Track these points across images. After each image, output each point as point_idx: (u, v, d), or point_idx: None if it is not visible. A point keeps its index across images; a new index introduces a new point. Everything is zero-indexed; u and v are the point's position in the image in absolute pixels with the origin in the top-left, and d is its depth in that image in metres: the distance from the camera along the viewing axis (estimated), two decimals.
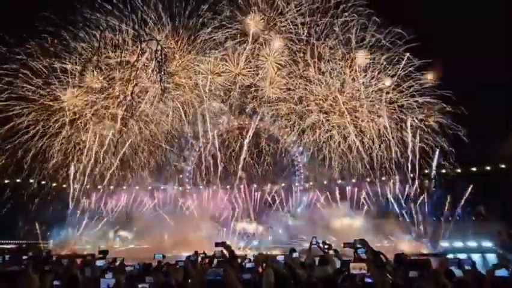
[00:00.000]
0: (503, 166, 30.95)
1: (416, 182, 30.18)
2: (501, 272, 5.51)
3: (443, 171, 30.71)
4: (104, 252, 9.23)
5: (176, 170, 35.82)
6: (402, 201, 30.96)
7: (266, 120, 34.67)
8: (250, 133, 33.18)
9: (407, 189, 30.74)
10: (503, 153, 28.93)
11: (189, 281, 6.57)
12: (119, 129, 29.94)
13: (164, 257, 9.19)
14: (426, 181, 30.80)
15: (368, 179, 32.59)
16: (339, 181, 34.88)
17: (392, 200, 31.20)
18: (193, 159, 35.92)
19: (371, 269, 5.32)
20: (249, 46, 29.99)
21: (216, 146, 32.91)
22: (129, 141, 31.08)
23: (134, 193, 33.92)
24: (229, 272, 5.15)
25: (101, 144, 30.63)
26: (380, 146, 30.45)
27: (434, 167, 30.21)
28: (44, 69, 28.27)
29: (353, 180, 33.94)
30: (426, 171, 30.68)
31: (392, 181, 31.58)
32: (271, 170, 35.32)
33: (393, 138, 29.85)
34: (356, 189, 33.76)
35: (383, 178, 32.11)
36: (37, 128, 29.67)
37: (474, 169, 31.02)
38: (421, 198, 30.21)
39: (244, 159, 33.28)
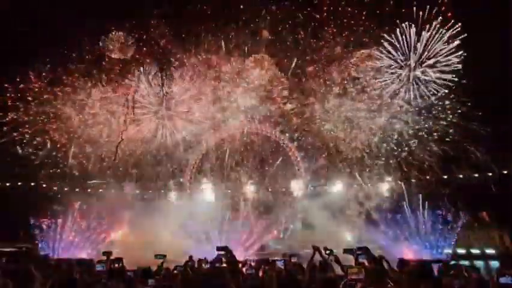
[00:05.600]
0: (505, 172, 30.83)
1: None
2: (506, 279, 5.44)
3: (445, 176, 30.60)
4: (107, 254, 9.18)
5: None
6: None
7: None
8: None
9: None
10: None
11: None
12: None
13: (165, 256, 9.09)
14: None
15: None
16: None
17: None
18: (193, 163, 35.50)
19: (368, 275, 5.26)
20: None
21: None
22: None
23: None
24: (228, 278, 5.09)
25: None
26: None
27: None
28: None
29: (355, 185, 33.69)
30: (427, 177, 30.60)
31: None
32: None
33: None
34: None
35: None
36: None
37: (476, 175, 30.88)
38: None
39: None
